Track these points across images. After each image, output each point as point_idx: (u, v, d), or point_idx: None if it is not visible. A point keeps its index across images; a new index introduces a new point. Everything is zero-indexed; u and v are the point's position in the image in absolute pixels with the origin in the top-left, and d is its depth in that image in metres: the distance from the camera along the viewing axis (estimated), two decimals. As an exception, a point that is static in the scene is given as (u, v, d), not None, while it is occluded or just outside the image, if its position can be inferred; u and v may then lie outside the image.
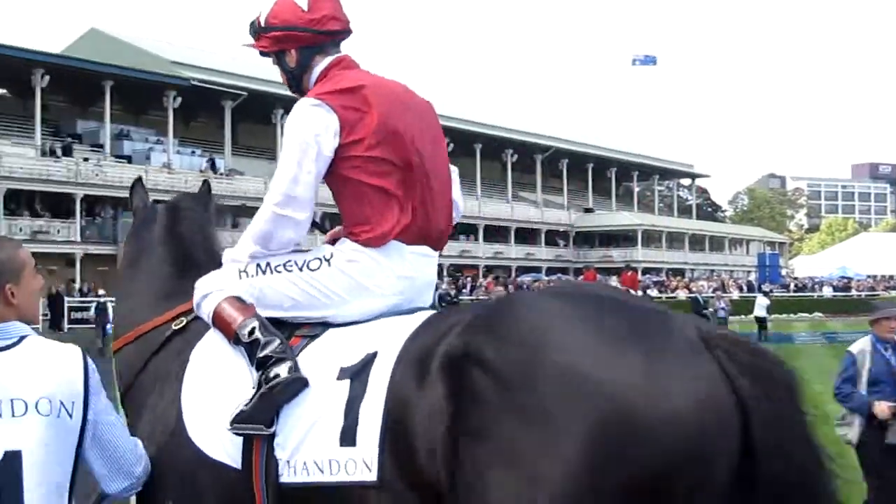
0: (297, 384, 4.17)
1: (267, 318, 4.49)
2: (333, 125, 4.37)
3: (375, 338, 4.19)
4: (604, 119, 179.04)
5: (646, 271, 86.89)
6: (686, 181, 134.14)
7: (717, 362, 3.57)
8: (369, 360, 4.06)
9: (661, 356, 3.53)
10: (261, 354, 4.28)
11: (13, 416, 3.67)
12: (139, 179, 6.52)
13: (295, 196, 4.43)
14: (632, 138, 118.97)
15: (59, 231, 62.29)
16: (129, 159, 70.85)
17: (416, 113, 4.58)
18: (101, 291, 42.74)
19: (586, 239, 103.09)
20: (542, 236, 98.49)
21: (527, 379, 3.55)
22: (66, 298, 53.91)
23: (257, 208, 4.78)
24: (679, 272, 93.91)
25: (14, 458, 3.63)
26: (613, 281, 48.59)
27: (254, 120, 79.46)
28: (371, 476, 3.90)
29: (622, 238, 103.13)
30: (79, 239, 62.42)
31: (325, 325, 4.46)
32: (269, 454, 4.14)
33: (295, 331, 4.48)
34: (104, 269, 63.54)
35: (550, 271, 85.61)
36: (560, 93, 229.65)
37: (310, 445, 4.07)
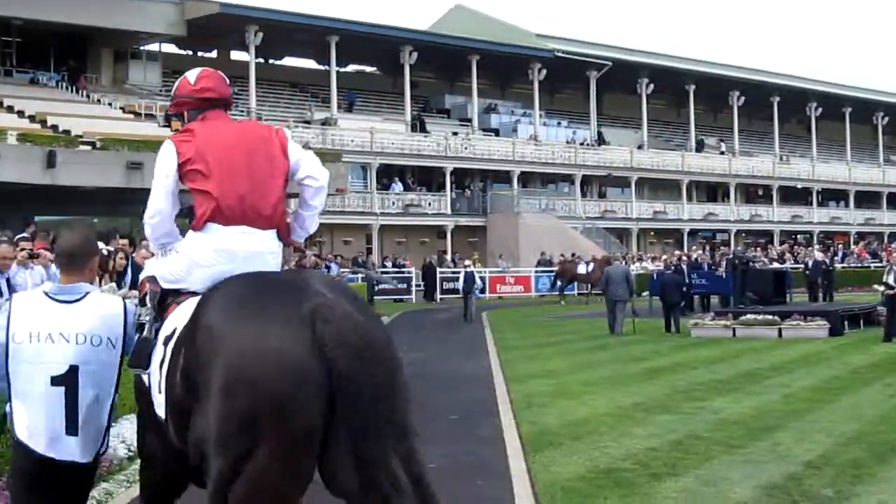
0: (149, 343, 6.03)
1: (168, 288, 6.37)
2: (173, 154, 6.32)
3: (183, 314, 5.86)
4: None
5: None
6: None
7: (312, 330, 5.14)
8: (172, 333, 5.83)
9: (268, 325, 5.22)
10: (139, 318, 6.19)
11: (77, 343, 5.85)
12: None
13: (154, 206, 6.38)
14: None
15: (429, 204, 63.97)
16: (496, 132, 72.03)
17: (239, 137, 6.45)
18: (467, 262, 43.48)
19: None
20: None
21: (200, 339, 5.41)
22: (438, 270, 55.28)
23: (623, 178, 4.76)
24: None
25: (74, 370, 5.82)
26: None
27: (619, 90, 79.20)
28: (162, 409, 5.75)
29: None
30: (449, 211, 63.92)
31: (192, 293, 6.15)
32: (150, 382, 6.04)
33: (177, 297, 6.25)
34: (474, 240, 64.96)
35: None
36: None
37: (153, 380, 5.90)
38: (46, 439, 5.78)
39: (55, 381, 5.80)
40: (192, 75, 6.79)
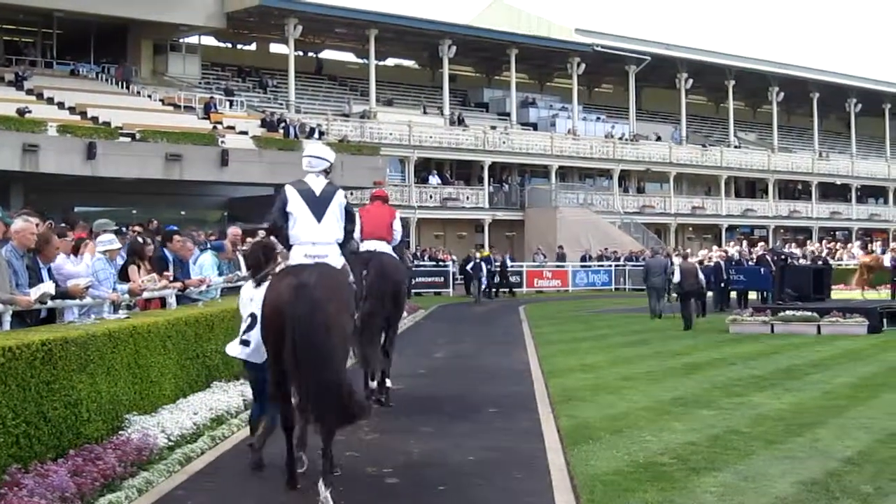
0: None
1: None
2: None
3: None
4: None
5: None
6: None
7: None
8: None
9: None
10: None
11: None
12: None
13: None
14: None
15: (467, 197, 63.95)
16: (534, 127, 71.97)
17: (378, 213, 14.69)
18: (476, 254, 44.28)
19: None
20: None
21: None
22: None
23: (662, 173, 4.71)
24: None
25: None
26: None
27: (658, 84, 79.01)
28: None
29: None
30: (487, 205, 63.88)
31: None
32: None
33: None
34: (511, 234, 64.96)
35: None
36: None
37: None
38: None
39: None
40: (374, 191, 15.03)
